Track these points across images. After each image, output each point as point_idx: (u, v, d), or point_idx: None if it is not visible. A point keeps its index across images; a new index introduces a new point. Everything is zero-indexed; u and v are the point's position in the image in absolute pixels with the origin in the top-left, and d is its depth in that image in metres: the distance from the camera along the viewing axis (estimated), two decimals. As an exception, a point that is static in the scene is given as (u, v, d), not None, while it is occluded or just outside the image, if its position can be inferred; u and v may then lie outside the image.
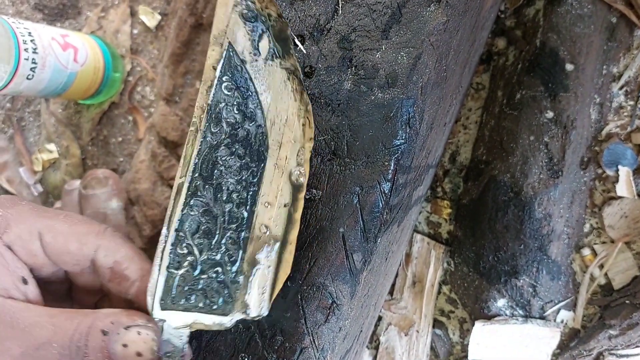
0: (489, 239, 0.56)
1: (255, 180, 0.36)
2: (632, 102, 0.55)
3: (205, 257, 0.35)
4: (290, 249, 0.36)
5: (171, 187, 0.63)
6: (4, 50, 0.53)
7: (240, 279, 0.36)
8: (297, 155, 0.36)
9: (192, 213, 0.35)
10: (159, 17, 0.67)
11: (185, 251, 0.35)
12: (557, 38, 0.52)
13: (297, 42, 0.37)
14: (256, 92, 0.35)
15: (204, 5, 0.60)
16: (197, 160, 0.34)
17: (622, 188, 0.54)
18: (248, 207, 0.36)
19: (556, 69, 0.52)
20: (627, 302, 0.53)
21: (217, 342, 0.40)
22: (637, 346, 0.55)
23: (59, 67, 0.59)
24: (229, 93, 0.34)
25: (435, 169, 0.57)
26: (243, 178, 0.35)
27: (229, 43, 0.34)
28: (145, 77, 0.68)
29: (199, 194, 0.35)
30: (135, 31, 0.68)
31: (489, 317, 0.56)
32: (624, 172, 0.54)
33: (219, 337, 0.40)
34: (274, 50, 0.35)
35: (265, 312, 0.36)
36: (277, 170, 0.36)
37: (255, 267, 0.36)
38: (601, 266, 0.56)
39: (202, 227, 0.35)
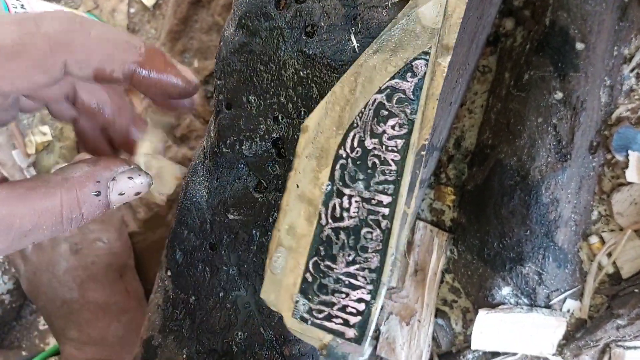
0: (494, 225, 0.54)
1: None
2: (643, 85, 0.53)
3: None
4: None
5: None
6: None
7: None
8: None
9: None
10: (157, -4, 0.65)
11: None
12: (567, 16, 0.50)
13: None
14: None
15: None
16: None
17: (632, 174, 0.53)
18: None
19: (566, 48, 0.50)
20: (636, 290, 0.52)
21: (212, 319, 0.38)
22: (645, 337, 0.54)
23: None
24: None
25: (439, 153, 0.55)
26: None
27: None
28: (142, 58, 0.66)
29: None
30: (132, 10, 0.66)
31: (492, 306, 0.55)
32: (635, 157, 0.52)
33: (214, 313, 0.38)
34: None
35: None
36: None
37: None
38: (609, 254, 0.55)
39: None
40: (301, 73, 0.35)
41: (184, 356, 0.39)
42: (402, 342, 0.59)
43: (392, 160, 0.33)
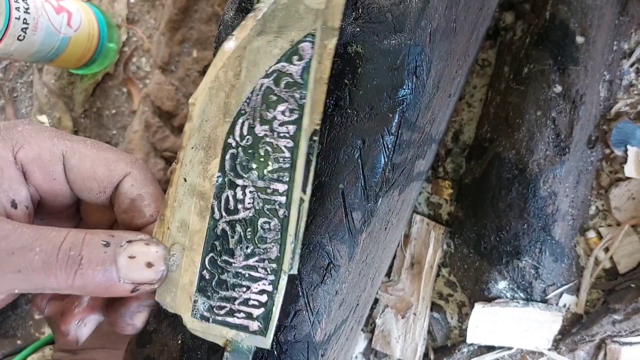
0: (491, 218, 0.54)
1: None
2: (642, 80, 0.53)
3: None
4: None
5: (164, 158, 0.61)
6: (-7, 6, 0.51)
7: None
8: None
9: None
10: (157, -15, 0.65)
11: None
12: (567, 10, 0.50)
13: None
14: None
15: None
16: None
17: (631, 169, 0.53)
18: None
19: (566, 42, 0.50)
20: (632, 286, 0.52)
21: (206, 305, 0.38)
22: (640, 333, 0.54)
23: (52, 30, 0.57)
24: None
25: (437, 146, 0.55)
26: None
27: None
28: (141, 48, 0.66)
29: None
30: (131, 0, 0.66)
31: (489, 300, 0.54)
32: (633, 152, 0.52)
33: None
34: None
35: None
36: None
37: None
38: (606, 249, 0.55)
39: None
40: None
41: (179, 342, 0.39)
42: (398, 335, 0.59)
43: (285, 147, 0.32)
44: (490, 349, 0.57)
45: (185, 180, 0.34)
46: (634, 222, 0.53)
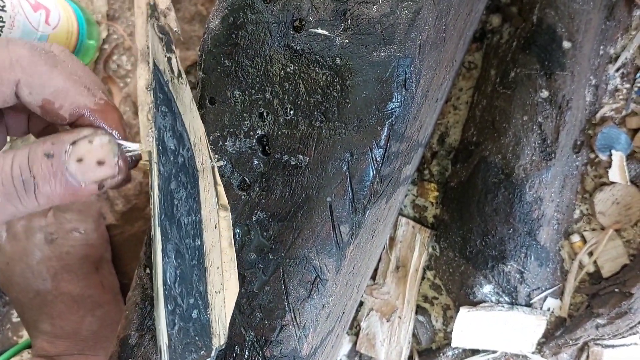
0: (477, 222, 0.54)
1: (196, 206, 0.33)
2: (627, 85, 0.53)
3: (186, 304, 0.32)
4: (231, 266, 0.34)
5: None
6: (-33, 3, 0.50)
7: (209, 314, 0.34)
8: (214, 176, 0.34)
9: (169, 260, 0.31)
10: (138, -18, 0.63)
11: (173, 305, 0.32)
12: (555, 14, 0.50)
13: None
14: (179, 113, 0.32)
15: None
16: (160, 198, 0.31)
17: (615, 173, 0.53)
18: (199, 236, 0.33)
19: (553, 47, 0.50)
20: (616, 290, 0.52)
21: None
22: (623, 336, 0.54)
23: (29, 28, 0.55)
24: (164, 118, 0.31)
25: (423, 149, 0.55)
26: (190, 206, 0.32)
27: (154, 60, 0.31)
28: (122, 46, 0.65)
29: (169, 236, 0.31)
30: (112, -4, 0.64)
31: (474, 304, 0.54)
32: (618, 156, 0.52)
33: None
34: (178, 66, 0.33)
35: (225, 339, 0.35)
36: (207, 192, 0.34)
37: (212, 296, 0.34)
38: (590, 253, 0.55)
39: (178, 272, 0.32)
40: (288, 69, 0.34)
41: (162, 356, 0.38)
42: (382, 339, 0.58)
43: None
44: (474, 352, 0.57)
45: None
46: (618, 227, 0.54)
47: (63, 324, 0.56)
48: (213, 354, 0.34)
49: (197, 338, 0.33)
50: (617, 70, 0.53)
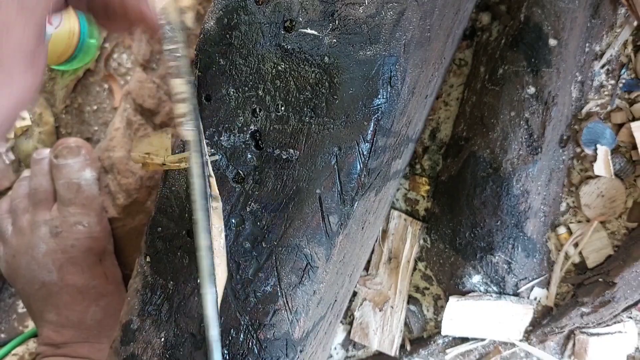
0: (466, 215, 0.55)
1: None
2: (612, 82, 0.55)
3: None
4: (222, 253, 0.38)
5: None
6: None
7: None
8: (208, 168, 0.39)
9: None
10: (138, -18, 0.65)
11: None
12: (541, 12, 0.52)
13: None
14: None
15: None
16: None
17: (600, 167, 0.54)
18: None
19: (539, 44, 0.52)
20: (600, 280, 0.54)
21: (189, 304, 0.39)
22: (607, 325, 0.56)
23: (33, 27, 0.57)
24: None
25: (414, 145, 0.57)
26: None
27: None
28: (122, 45, 0.66)
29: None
30: (113, -5, 0.66)
31: (463, 293, 0.56)
32: (602, 151, 0.54)
33: (191, 298, 0.39)
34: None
35: None
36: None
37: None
38: (576, 245, 0.57)
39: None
40: (279, 67, 0.36)
41: (162, 340, 0.40)
42: (375, 328, 0.60)
43: None
44: (464, 340, 0.59)
45: None
46: (603, 219, 0.55)
47: (68, 314, 0.58)
48: None
49: None
50: (603, 66, 0.55)
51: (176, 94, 0.36)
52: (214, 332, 0.36)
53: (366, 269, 0.62)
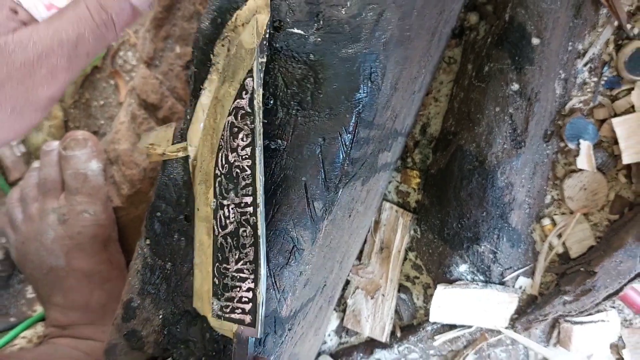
0: (454, 206, 0.58)
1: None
2: (595, 79, 0.57)
3: None
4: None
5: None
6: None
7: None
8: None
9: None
10: (143, -18, 0.68)
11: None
12: (524, 13, 0.54)
13: None
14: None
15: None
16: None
17: (583, 161, 0.57)
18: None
19: (523, 43, 0.54)
20: (581, 269, 0.56)
21: (186, 284, 0.42)
22: (590, 313, 0.58)
23: (43, 25, 0.60)
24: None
25: (405, 139, 0.59)
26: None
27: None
28: (128, 42, 0.69)
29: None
30: (119, -5, 0.69)
31: (450, 282, 0.59)
32: (585, 145, 0.56)
33: (188, 278, 0.42)
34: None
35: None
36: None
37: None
38: (559, 236, 0.59)
39: None
40: (268, 64, 0.38)
41: (160, 317, 0.43)
42: (367, 315, 0.63)
43: (247, 166, 0.37)
44: (452, 327, 0.61)
45: (198, 209, 0.41)
46: (585, 211, 0.58)
47: (74, 297, 0.61)
48: None
49: None
50: (585, 64, 0.57)
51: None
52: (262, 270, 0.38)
53: (359, 258, 0.64)
